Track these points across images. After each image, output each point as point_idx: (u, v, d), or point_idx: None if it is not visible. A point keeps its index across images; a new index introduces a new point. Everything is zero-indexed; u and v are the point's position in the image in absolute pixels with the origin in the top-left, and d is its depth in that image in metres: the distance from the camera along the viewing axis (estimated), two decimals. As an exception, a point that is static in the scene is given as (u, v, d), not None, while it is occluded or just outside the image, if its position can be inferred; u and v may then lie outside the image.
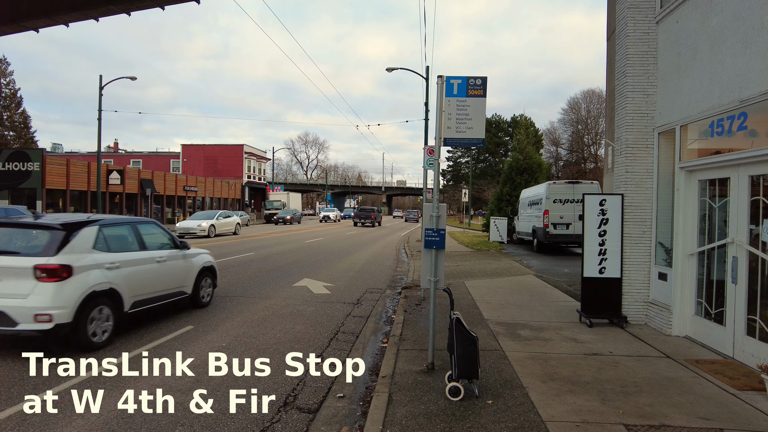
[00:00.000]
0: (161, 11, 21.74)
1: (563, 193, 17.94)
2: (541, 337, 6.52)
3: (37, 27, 23.30)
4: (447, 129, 5.30)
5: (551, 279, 11.78)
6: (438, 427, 3.87)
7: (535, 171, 28.54)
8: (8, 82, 46.98)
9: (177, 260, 7.75)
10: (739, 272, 5.38)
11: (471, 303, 8.75)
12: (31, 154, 29.70)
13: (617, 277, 7.13)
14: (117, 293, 6.22)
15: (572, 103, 70.10)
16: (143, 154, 65.41)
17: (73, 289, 5.60)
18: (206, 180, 48.97)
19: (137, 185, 37.15)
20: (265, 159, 68.59)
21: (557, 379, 4.92)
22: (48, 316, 5.33)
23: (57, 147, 73.13)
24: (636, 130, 7.15)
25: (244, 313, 8.05)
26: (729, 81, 5.44)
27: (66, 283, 5.54)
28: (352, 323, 7.69)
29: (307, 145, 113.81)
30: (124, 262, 6.49)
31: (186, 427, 3.98)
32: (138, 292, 6.64)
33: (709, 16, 5.85)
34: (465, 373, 4.41)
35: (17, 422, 3.98)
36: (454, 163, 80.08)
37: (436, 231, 5.13)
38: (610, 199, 7.14)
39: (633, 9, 7.16)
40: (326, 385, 4.99)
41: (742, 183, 5.41)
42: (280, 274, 12.51)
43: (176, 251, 7.79)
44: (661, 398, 4.45)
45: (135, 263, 6.71)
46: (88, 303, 5.75)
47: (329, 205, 69.72)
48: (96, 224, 6.35)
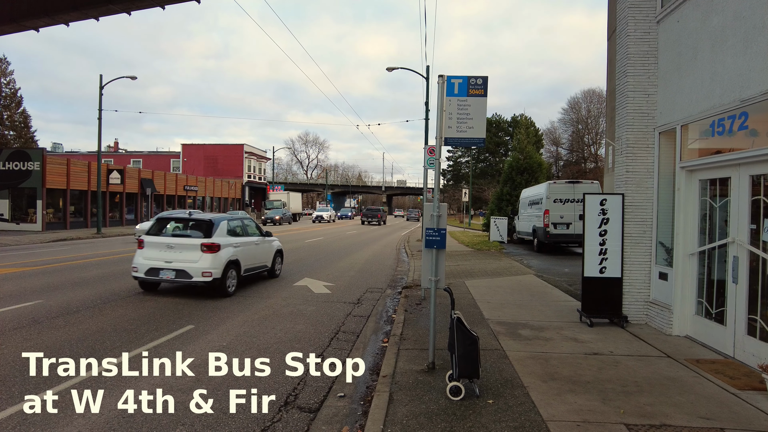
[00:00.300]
0: (161, 11, 21.74)
1: (563, 192, 17.94)
2: (542, 336, 6.52)
3: (37, 26, 23.29)
4: (448, 128, 5.29)
5: (551, 279, 11.78)
6: (439, 426, 3.86)
7: (536, 171, 28.52)
8: (8, 81, 46.91)
9: (264, 244, 11.13)
10: (739, 272, 5.38)
11: (471, 302, 8.75)
12: (31, 153, 29.69)
13: (618, 276, 7.12)
14: (239, 263, 9.65)
15: (572, 102, 70.11)
16: (143, 153, 65.42)
17: (221, 258, 9.02)
18: (206, 180, 48.98)
19: (137, 185, 37.15)
20: (266, 159, 68.59)
21: (558, 378, 4.92)
22: (209, 273, 8.79)
23: (57, 147, 73.15)
24: (636, 129, 7.14)
25: (244, 312, 8.05)
26: (730, 80, 5.43)
27: (217, 255, 8.98)
28: (352, 323, 7.69)
29: (307, 144, 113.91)
30: (240, 243, 9.88)
31: (187, 427, 3.98)
32: (247, 263, 10.08)
33: (710, 16, 5.84)
34: (466, 373, 4.41)
35: (18, 422, 3.98)
36: (455, 163, 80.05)
37: (437, 230, 5.13)
38: (610, 199, 7.14)
39: (634, 8, 7.15)
40: (327, 385, 4.99)
41: (742, 183, 5.40)
42: (280, 274, 12.51)
43: (263, 238, 11.11)
44: (661, 398, 4.45)
45: (245, 245, 10.09)
46: (227, 267, 9.13)
47: (329, 205, 69.47)
48: (226, 219, 9.90)
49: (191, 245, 8.95)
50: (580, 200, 16.52)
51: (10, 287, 9.71)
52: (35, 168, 28.67)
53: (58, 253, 16.72)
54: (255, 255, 10.52)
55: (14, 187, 29.10)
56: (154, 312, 7.86)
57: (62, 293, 9.18)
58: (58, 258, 14.92)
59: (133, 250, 9.98)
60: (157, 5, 21.30)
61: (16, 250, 17.51)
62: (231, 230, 9.81)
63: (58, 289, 9.63)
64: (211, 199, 49.81)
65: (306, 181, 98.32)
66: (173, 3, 21.39)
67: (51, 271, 12.02)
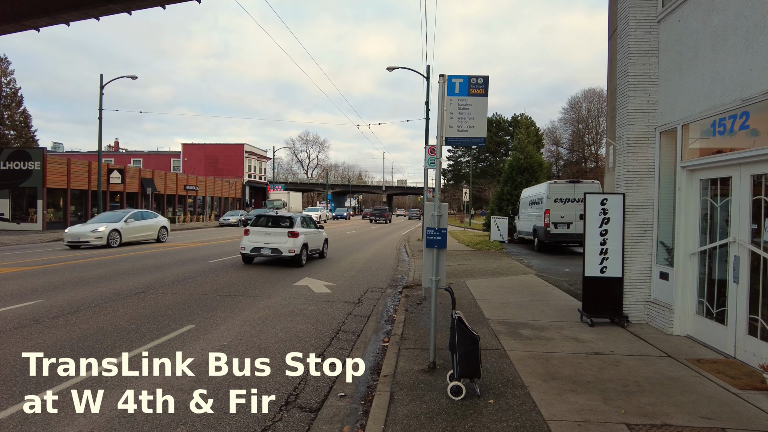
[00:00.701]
0: (162, 10, 21.74)
1: (564, 192, 17.93)
2: (543, 336, 6.51)
3: (38, 26, 23.31)
4: (448, 128, 5.29)
5: (552, 278, 11.77)
6: (440, 426, 3.86)
7: (536, 170, 28.49)
8: (9, 81, 46.94)
9: (318, 234, 15.81)
10: (740, 271, 5.37)
11: (472, 302, 8.74)
12: (31, 153, 29.71)
13: (618, 276, 7.12)
14: (307, 245, 14.40)
15: (573, 102, 70.09)
16: (144, 153, 65.46)
17: (299, 241, 13.72)
18: (207, 179, 48.95)
19: (138, 184, 37.17)
20: (266, 158, 68.56)
21: (559, 378, 4.91)
22: (293, 250, 13.43)
23: (57, 146, 73.21)
24: (637, 129, 7.14)
25: (245, 312, 8.05)
26: (731, 80, 5.42)
27: (297, 239, 13.64)
28: (353, 322, 7.69)
29: (307, 144, 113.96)
30: (307, 232, 14.61)
31: (187, 426, 3.98)
32: (311, 247, 14.81)
33: (711, 15, 5.83)
34: (467, 372, 4.40)
35: (18, 422, 3.97)
36: (455, 163, 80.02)
37: (438, 230, 5.12)
38: (611, 199, 7.13)
39: (634, 8, 7.14)
40: (328, 385, 4.99)
41: (743, 182, 5.40)
42: (281, 273, 12.52)
43: (318, 230, 15.87)
44: (662, 397, 4.44)
45: (309, 233, 14.77)
46: (303, 247, 13.91)
47: (330, 205, 69.35)
48: (300, 216, 14.91)
49: (281, 233, 13.72)
50: (580, 200, 16.51)
51: (11, 287, 9.71)
52: (36, 168, 28.69)
53: (59, 252, 16.73)
54: (314, 241, 15.22)
55: (15, 187, 29.12)
56: (155, 312, 7.86)
57: (63, 293, 9.19)
58: (59, 258, 14.92)
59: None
60: (157, 5, 21.30)
61: (16, 250, 17.53)
62: (302, 223, 14.56)
63: (59, 288, 9.64)
64: (212, 199, 49.78)
65: (306, 181, 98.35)
66: (174, 2, 21.39)
67: (52, 271, 12.02)
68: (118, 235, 19.12)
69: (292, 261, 13.67)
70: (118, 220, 19.81)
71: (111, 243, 18.64)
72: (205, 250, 18.03)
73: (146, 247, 19.27)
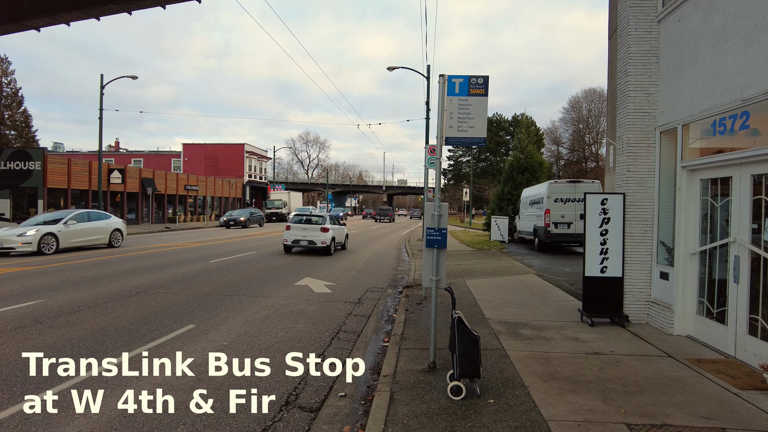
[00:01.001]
0: (162, 10, 21.75)
1: (564, 192, 17.92)
2: (543, 336, 6.51)
3: (39, 26, 23.32)
4: (449, 128, 5.28)
5: (552, 278, 11.77)
6: (440, 426, 3.86)
7: (536, 170, 28.46)
8: (9, 81, 47.02)
9: (342, 230, 19.42)
10: (741, 271, 5.37)
11: (472, 302, 8.74)
12: (32, 153, 29.76)
13: (619, 276, 7.11)
14: (335, 239, 17.88)
15: (573, 102, 70.05)
16: (144, 153, 65.50)
17: (329, 235, 17.29)
18: (207, 179, 48.99)
19: (138, 184, 37.19)
20: (266, 158, 68.59)
21: (559, 378, 4.91)
22: (325, 242, 17.12)
23: (58, 146, 73.27)
24: (638, 129, 7.13)
25: (245, 311, 8.05)
26: (731, 80, 5.42)
27: (328, 233, 17.22)
28: (353, 322, 7.69)
29: (308, 144, 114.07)
30: (335, 228, 18.10)
31: (188, 426, 3.98)
32: (337, 240, 18.34)
33: (711, 15, 5.83)
34: (467, 372, 4.40)
35: (18, 422, 3.97)
36: (455, 162, 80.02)
37: (438, 230, 5.12)
38: (611, 198, 7.12)
39: (635, 8, 7.14)
40: (328, 385, 4.99)
41: (744, 182, 5.39)
42: (282, 273, 12.52)
43: (341, 226, 19.55)
44: (663, 397, 4.44)
45: (336, 229, 18.26)
46: (332, 240, 17.50)
47: (330, 205, 69.34)
48: (329, 215, 18.76)
49: (315, 228, 17.21)
50: (581, 200, 16.50)
51: (12, 286, 9.72)
52: (36, 167, 28.73)
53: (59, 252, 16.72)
54: (339, 235, 18.64)
55: (15, 187, 29.15)
56: (155, 311, 7.86)
57: (63, 293, 9.19)
58: (59, 257, 14.92)
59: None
60: (157, 5, 21.32)
61: (17, 250, 17.51)
62: (331, 221, 18.06)
63: (60, 288, 9.64)
64: (212, 199, 49.81)
65: (307, 181, 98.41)
66: (174, 2, 21.40)
67: (52, 271, 12.03)
68: (54, 240, 15.86)
69: (324, 251, 17.34)
70: (58, 221, 16.59)
71: (44, 249, 15.48)
72: (206, 250, 18.04)
73: (91, 253, 16.17)
